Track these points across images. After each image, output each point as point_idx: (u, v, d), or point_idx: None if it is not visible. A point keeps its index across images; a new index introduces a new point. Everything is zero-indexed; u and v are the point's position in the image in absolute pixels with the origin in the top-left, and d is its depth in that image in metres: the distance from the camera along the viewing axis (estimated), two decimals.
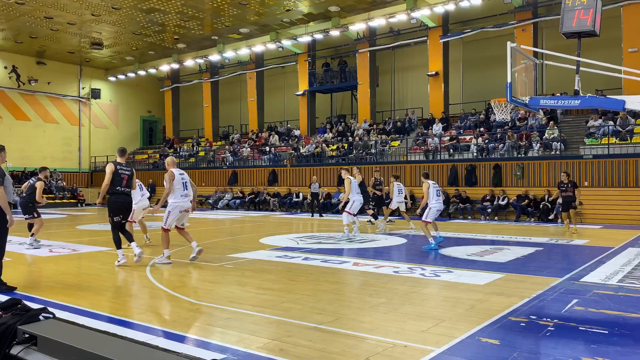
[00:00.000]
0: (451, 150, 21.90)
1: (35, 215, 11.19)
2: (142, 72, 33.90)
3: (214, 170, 29.29)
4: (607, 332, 4.80)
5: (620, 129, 18.47)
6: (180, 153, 32.70)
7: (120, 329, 4.80)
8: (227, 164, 28.90)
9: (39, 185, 11.23)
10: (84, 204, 31.34)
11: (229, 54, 29.95)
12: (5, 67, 31.35)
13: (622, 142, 18.15)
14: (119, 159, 8.65)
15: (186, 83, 35.73)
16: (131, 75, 34.44)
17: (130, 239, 8.70)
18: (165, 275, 7.79)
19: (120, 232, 8.63)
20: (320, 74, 29.98)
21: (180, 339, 4.70)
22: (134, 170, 8.67)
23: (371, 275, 7.77)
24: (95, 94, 35.28)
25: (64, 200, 30.51)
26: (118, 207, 8.44)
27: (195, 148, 32.85)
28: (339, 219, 15.91)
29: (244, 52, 29.56)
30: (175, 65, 32.82)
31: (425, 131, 24.21)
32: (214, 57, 30.83)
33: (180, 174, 8.81)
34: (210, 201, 27.22)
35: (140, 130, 38.94)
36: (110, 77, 35.57)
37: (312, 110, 30.23)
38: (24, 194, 11.33)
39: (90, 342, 3.81)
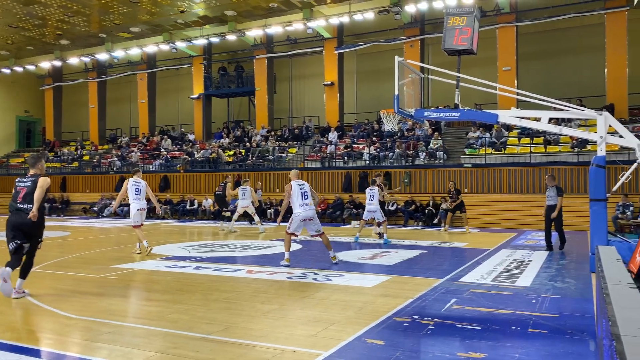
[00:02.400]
0: (346, 157, 22.56)
1: None
2: (18, 69, 31.09)
3: (100, 176, 27.55)
4: (480, 328, 5.18)
5: (496, 141, 20.17)
6: (62, 157, 30.35)
7: None
8: (115, 169, 27.35)
9: None
10: None
11: (119, 53, 28.45)
12: None
13: (497, 152, 19.83)
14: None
15: (70, 82, 33.30)
16: (6, 71, 31.39)
17: (23, 275, 6.68)
18: (39, 290, 7.15)
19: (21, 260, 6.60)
20: (216, 78, 29.48)
21: (57, 357, 4.33)
22: (40, 181, 6.51)
23: (264, 282, 7.74)
24: None
25: None
26: (7, 229, 6.53)
27: (79, 151, 30.69)
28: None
29: (134, 51, 28.24)
30: (58, 63, 30.54)
31: (322, 139, 24.72)
32: (102, 56, 29.12)
33: (298, 184, 9.20)
34: (95, 209, 25.55)
35: (16, 132, 35.59)
36: None
37: (208, 114, 29.61)
38: None
39: None
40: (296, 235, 9.36)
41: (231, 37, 25.68)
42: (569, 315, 5.73)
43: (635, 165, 8.92)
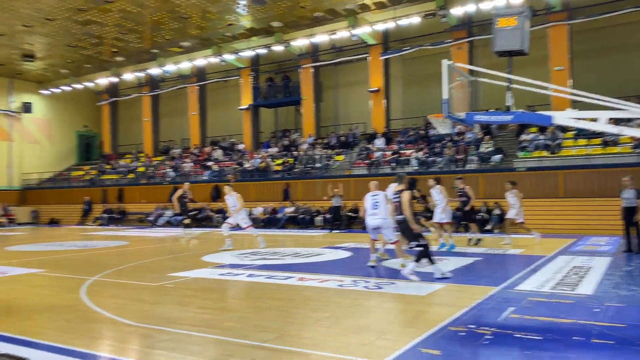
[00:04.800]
0: (393, 163, 22.37)
1: None
2: (78, 86, 32.65)
3: (154, 186, 28.46)
4: (540, 338, 4.98)
5: (550, 143, 19.48)
6: (119, 169, 31.60)
7: (54, 356, 4.53)
8: (168, 179, 28.20)
9: None
10: (14, 224, 29.62)
11: (170, 67, 29.42)
12: None
13: (552, 155, 19.14)
14: None
15: (125, 97, 34.71)
16: (66, 88, 33.06)
17: None
18: (101, 298, 7.45)
19: None
20: (264, 89, 29.96)
21: None
22: None
23: (316, 289, 7.75)
24: (27, 107, 33.56)
25: None
26: None
27: (134, 163, 31.86)
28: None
29: (185, 65, 29.13)
30: (114, 79, 31.87)
31: (368, 145, 24.63)
32: (154, 71, 30.18)
33: (372, 195, 9.85)
34: (150, 218, 26.40)
35: (76, 146, 37.37)
36: (43, 90, 34.01)
37: (256, 124, 30.11)
38: None
39: None
40: (376, 240, 10.06)
41: (277, 48, 26.06)
42: (637, 325, 5.43)
43: None
